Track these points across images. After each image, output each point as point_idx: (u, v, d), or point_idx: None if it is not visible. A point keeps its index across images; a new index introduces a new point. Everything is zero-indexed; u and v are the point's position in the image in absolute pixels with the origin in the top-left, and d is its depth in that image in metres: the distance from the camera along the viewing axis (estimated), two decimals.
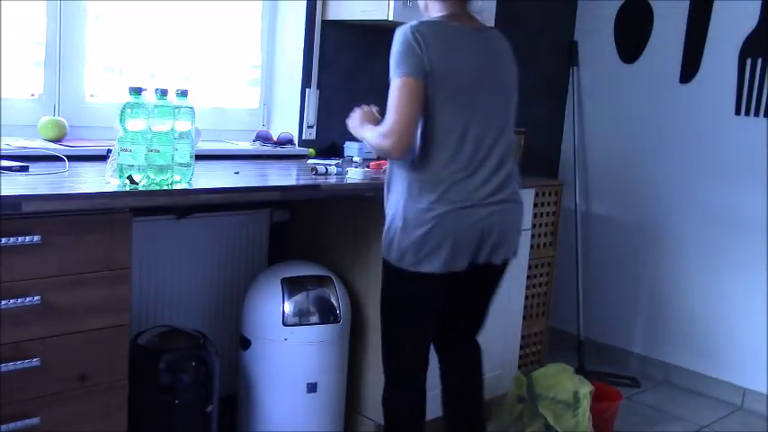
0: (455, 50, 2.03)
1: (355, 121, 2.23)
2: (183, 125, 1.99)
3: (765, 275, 3.40)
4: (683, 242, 3.66)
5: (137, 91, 1.91)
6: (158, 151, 1.93)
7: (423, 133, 2.02)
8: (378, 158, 2.80)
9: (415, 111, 1.97)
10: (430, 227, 2.00)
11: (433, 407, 2.33)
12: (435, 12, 2.12)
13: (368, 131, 2.12)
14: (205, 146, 2.62)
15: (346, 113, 2.63)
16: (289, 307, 2.46)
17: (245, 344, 2.53)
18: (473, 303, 2.29)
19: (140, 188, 1.89)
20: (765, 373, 3.41)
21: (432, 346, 2.27)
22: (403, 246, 2.04)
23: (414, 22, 2.02)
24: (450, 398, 2.36)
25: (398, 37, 2.01)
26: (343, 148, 3.03)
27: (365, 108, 2.26)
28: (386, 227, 2.11)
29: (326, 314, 2.51)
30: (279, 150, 2.85)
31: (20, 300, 1.72)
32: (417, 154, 2.03)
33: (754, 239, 3.42)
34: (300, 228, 2.90)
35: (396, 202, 2.08)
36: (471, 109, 2.03)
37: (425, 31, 1.99)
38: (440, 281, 2.07)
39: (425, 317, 2.16)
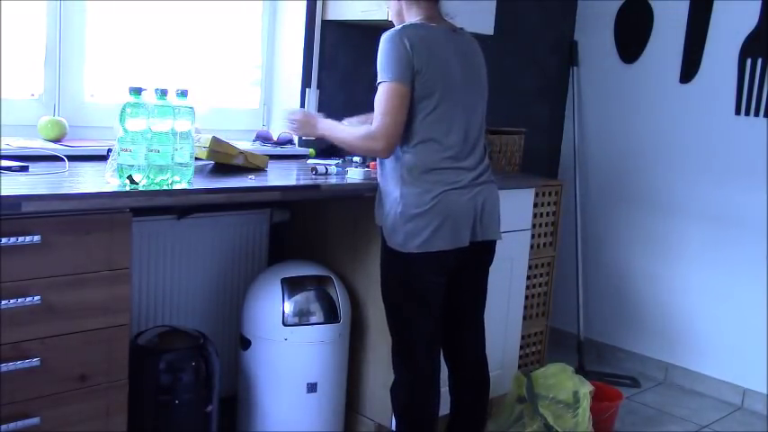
0: (439, 51, 2.15)
1: (310, 124, 2.37)
2: (182, 125, 1.99)
3: (765, 275, 3.40)
4: (683, 242, 3.66)
5: (137, 91, 1.91)
6: (158, 151, 1.92)
7: (416, 126, 2.13)
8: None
9: (403, 115, 2.11)
10: (430, 206, 2.11)
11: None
12: (412, 15, 2.22)
13: (345, 132, 2.26)
14: None
15: (346, 113, 2.63)
16: (289, 307, 2.46)
17: (245, 344, 2.53)
18: (475, 281, 2.34)
19: (140, 188, 1.89)
20: (765, 373, 3.41)
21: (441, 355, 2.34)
22: (406, 229, 2.13)
23: (398, 27, 2.15)
24: (455, 407, 2.41)
25: (386, 42, 2.12)
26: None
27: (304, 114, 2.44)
28: (384, 215, 2.20)
29: (326, 314, 2.51)
30: (279, 150, 2.85)
31: (20, 300, 1.72)
32: (412, 145, 2.13)
33: (754, 239, 3.42)
34: (300, 228, 2.90)
35: (392, 190, 2.16)
36: (457, 104, 2.17)
37: (412, 34, 2.11)
38: (445, 258, 2.16)
39: (435, 294, 2.22)
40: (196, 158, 2.13)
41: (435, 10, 2.24)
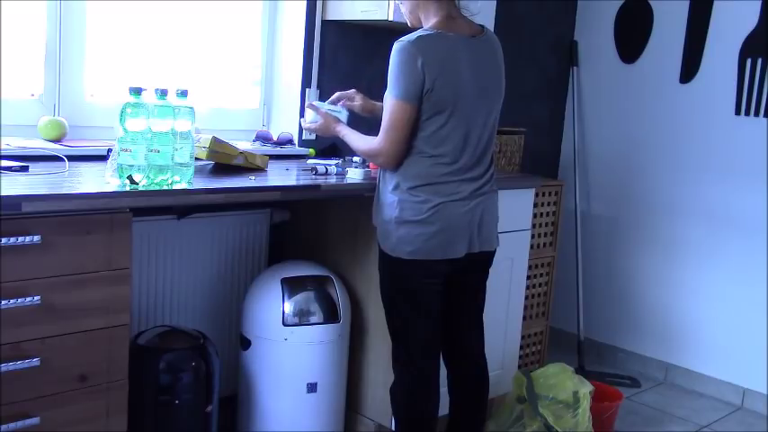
0: (453, 66, 2.08)
1: (327, 125, 2.39)
2: (182, 125, 1.99)
3: (765, 275, 3.40)
4: (683, 242, 3.66)
5: (137, 91, 1.91)
6: (158, 151, 1.93)
7: (423, 140, 2.10)
8: None
9: (406, 133, 2.08)
10: (426, 216, 2.09)
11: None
12: (431, 15, 2.14)
13: (356, 137, 2.26)
14: None
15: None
16: (289, 307, 2.47)
17: (245, 344, 2.53)
18: (474, 284, 2.33)
19: (140, 188, 1.89)
20: (765, 373, 3.41)
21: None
22: (399, 234, 2.11)
23: (413, 38, 2.06)
24: (454, 407, 2.40)
25: (398, 54, 2.05)
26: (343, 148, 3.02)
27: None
28: (379, 217, 2.19)
29: (326, 314, 2.51)
30: (279, 150, 2.85)
31: (20, 300, 1.72)
32: (417, 157, 2.11)
33: (754, 239, 3.42)
34: (300, 228, 2.90)
35: (390, 194, 2.15)
36: (470, 118, 2.13)
37: (426, 48, 2.04)
38: (439, 267, 2.14)
39: (430, 300, 2.20)
40: (196, 158, 2.13)
41: (454, 9, 2.15)
